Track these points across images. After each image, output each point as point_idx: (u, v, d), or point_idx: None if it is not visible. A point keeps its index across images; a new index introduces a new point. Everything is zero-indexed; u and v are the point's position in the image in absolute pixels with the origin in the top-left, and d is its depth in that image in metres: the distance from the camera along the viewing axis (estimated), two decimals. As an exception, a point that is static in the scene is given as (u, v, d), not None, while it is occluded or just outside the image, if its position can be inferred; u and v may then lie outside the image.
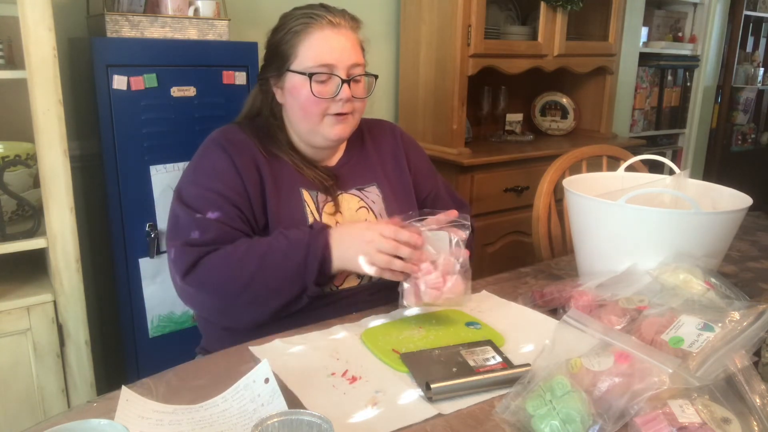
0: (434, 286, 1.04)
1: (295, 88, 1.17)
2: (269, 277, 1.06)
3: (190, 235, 1.10)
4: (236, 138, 1.20)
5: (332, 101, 1.16)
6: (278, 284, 1.07)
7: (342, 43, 1.16)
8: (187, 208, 1.12)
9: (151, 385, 0.88)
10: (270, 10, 1.42)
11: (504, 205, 2.36)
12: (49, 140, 1.38)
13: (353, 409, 0.83)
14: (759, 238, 1.64)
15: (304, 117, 1.19)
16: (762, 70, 4.40)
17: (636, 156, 1.48)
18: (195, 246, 1.09)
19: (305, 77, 1.15)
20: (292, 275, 1.07)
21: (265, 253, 1.07)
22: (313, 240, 1.07)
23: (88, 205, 1.89)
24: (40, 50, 1.34)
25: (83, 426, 0.65)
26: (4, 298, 1.41)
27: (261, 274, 1.06)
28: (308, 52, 1.15)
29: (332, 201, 1.22)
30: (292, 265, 1.06)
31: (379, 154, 1.34)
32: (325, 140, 1.21)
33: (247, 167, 1.16)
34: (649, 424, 0.73)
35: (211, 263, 1.08)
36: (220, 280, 1.07)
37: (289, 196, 1.19)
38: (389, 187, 1.31)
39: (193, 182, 1.17)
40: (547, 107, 2.89)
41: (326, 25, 1.15)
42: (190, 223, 1.11)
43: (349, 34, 1.18)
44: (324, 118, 1.18)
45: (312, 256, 1.06)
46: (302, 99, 1.16)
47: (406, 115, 2.49)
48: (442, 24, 2.24)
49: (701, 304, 0.96)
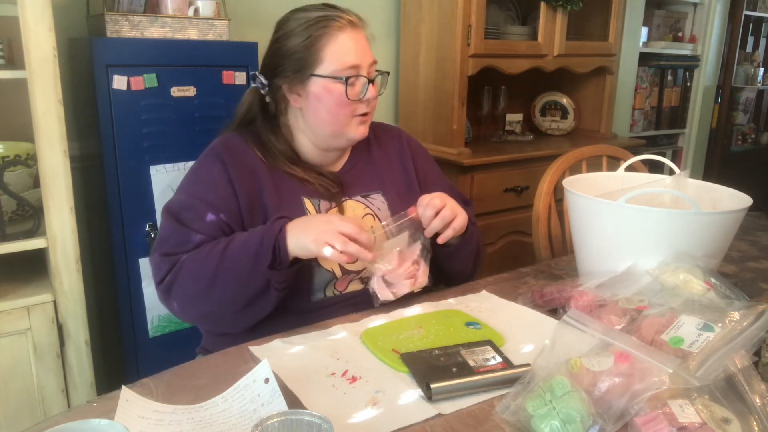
0: (409, 275, 1.11)
1: (324, 92, 1.15)
2: (230, 270, 1.06)
3: (170, 246, 1.11)
4: (237, 148, 1.20)
5: (359, 102, 1.17)
6: (239, 276, 1.06)
7: (363, 43, 1.17)
8: (172, 219, 1.13)
9: (151, 385, 0.88)
10: (270, 10, 1.42)
11: (504, 205, 2.36)
12: (49, 140, 1.38)
13: (353, 409, 0.83)
14: (759, 238, 1.64)
15: (332, 120, 1.18)
16: (762, 70, 4.40)
17: (636, 156, 1.48)
18: (174, 255, 1.10)
19: (337, 81, 1.14)
20: (249, 264, 1.05)
21: (226, 248, 1.07)
22: (268, 228, 1.07)
23: (88, 205, 1.89)
24: (40, 50, 1.34)
25: (83, 426, 0.65)
26: (4, 298, 1.41)
27: (222, 267, 1.06)
28: (336, 55, 1.14)
29: (337, 207, 1.21)
30: (249, 254, 1.05)
31: (386, 159, 1.33)
32: (348, 141, 1.22)
33: (244, 179, 1.16)
34: (649, 424, 0.73)
35: (181, 269, 1.09)
36: (188, 283, 1.08)
37: (291, 205, 1.18)
38: (395, 193, 1.29)
39: (183, 191, 1.18)
40: (547, 107, 2.89)
41: (347, 26, 1.15)
42: (172, 234, 1.12)
43: (364, 33, 1.19)
44: (352, 119, 1.18)
45: (267, 242, 1.05)
46: (332, 103, 1.15)
47: (406, 115, 2.49)
48: (442, 24, 2.24)
49: (701, 304, 0.96)
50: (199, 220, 1.12)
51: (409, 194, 1.31)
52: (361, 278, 1.20)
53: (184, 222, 1.12)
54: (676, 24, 3.73)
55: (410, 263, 1.13)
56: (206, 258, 1.07)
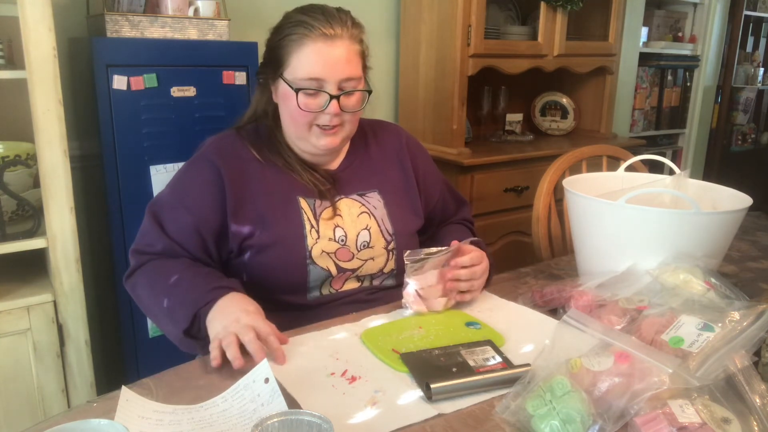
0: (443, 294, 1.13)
1: (285, 95, 1.16)
2: (158, 314, 1.08)
3: (141, 243, 1.15)
4: (230, 148, 1.20)
5: (320, 113, 1.15)
6: (159, 320, 1.10)
7: (335, 57, 1.12)
8: (150, 216, 1.16)
9: (151, 385, 0.88)
10: (270, 10, 1.42)
11: (504, 205, 2.36)
12: (49, 140, 1.38)
13: (353, 409, 0.83)
14: (759, 238, 1.64)
15: (293, 125, 1.18)
16: (762, 70, 4.40)
17: (636, 156, 1.48)
18: (142, 254, 1.14)
19: (292, 89, 1.14)
20: (168, 316, 1.05)
21: (170, 286, 1.07)
22: (201, 295, 1.03)
23: (88, 205, 1.89)
24: (40, 50, 1.34)
25: (83, 426, 0.65)
26: (4, 298, 1.41)
27: (155, 300, 1.08)
28: (298, 64, 1.12)
29: (330, 206, 1.20)
30: (171, 306, 1.05)
31: (383, 157, 1.32)
32: (314, 149, 1.20)
33: (234, 180, 1.16)
34: (649, 424, 0.73)
35: (138, 279, 1.13)
36: (140, 296, 1.13)
37: (285, 203, 1.18)
38: (392, 192, 1.29)
39: (168, 193, 1.19)
40: (547, 107, 2.89)
41: (319, 38, 1.11)
42: (148, 231, 1.15)
43: (346, 45, 1.13)
44: (312, 128, 1.17)
45: (190, 308, 1.02)
46: (291, 108, 1.16)
47: (406, 115, 2.49)
48: (442, 24, 2.24)
49: (701, 304, 0.96)
50: (174, 222, 1.14)
51: (407, 193, 1.31)
52: (357, 276, 1.20)
53: (160, 221, 1.15)
54: (676, 24, 3.73)
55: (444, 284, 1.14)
56: (155, 283, 1.10)
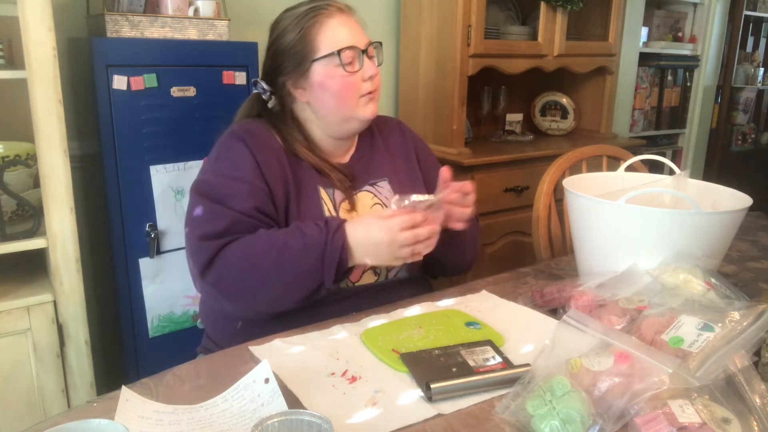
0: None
1: (327, 78, 1.18)
2: (286, 275, 1.06)
3: (207, 227, 1.09)
4: (259, 132, 1.20)
5: (362, 81, 1.21)
6: (294, 281, 1.07)
7: (354, 26, 1.22)
8: (204, 199, 1.11)
9: (151, 385, 0.88)
10: (270, 10, 1.42)
11: (504, 205, 2.36)
12: (49, 140, 1.38)
13: (353, 409, 0.83)
14: (759, 238, 1.64)
15: (340, 104, 1.20)
16: (762, 70, 4.40)
17: (636, 156, 1.48)
18: (211, 239, 1.08)
19: (334, 61, 1.17)
20: (307, 274, 1.07)
21: (282, 251, 1.06)
22: (330, 243, 1.07)
23: (88, 205, 1.89)
24: (40, 50, 1.34)
25: (83, 426, 0.65)
26: (4, 298, 1.41)
27: (277, 271, 1.06)
28: (329, 40, 1.18)
29: (348, 200, 1.24)
30: (306, 267, 1.07)
31: (389, 149, 1.36)
32: (360, 123, 1.24)
33: (269, 163, 1.16)
34: (649, 424, 0.73)
35: (228, 258, 1.07)
36: (237, 276, 1.07)
37: (309, 194, 1.20)
38: (399, 181, 1.32)
39: (212, 172, 1.16)
40: (547, 107, 2.89)
41: (335, 12, 1.20)
42: (208, 212, 1.10)
43: (355, 18, 1.24)
44: (359, 100, 1.21)
45: (329, 259, 1.06)
46: (336, 85, 1.18)
47: (406, 115, 2.49)
48: (442, 24, 2.24)
49: (701, 304, 0.96)
50: (239, 201, 1.11)
51: (412, 182, 1.35)
52: (374, 270, 1.23)
53: (217, 199, 1.11)
54: (676, 24, 3.73)
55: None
56: (260, 256, 1.06)
